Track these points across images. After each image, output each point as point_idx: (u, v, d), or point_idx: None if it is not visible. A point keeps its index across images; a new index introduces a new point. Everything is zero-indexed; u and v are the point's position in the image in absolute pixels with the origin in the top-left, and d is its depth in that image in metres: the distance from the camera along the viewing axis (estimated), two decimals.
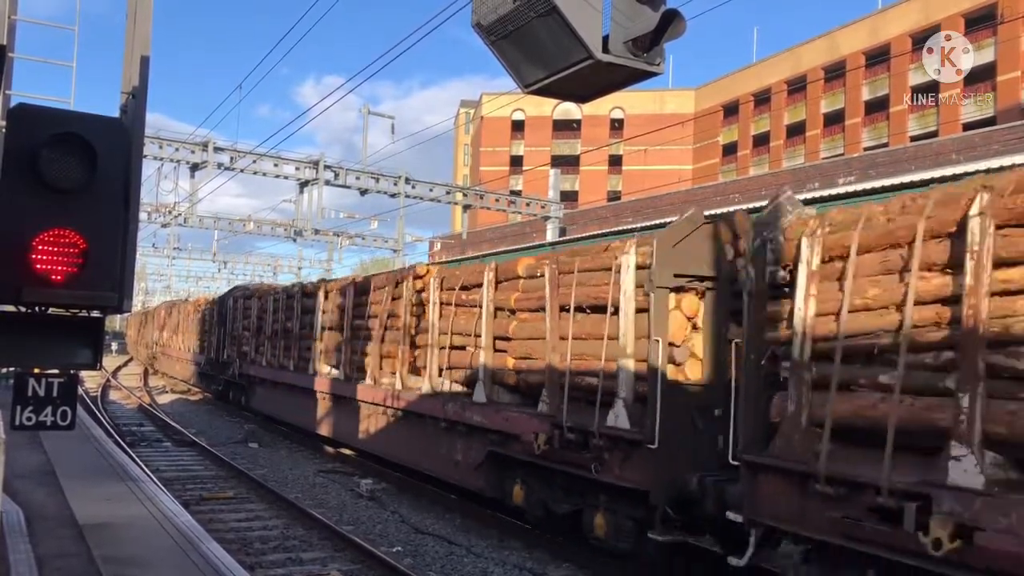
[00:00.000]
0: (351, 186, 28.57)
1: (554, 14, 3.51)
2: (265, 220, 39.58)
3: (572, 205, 49.37)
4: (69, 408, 4.04)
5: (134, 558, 6.87)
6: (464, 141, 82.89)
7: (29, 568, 6.38)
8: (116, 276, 3.86)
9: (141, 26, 4.48)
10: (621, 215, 36.35)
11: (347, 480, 14.06)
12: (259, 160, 26.59)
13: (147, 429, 20.25)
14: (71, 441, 12.59)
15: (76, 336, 4.07)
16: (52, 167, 3.60)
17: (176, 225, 35.99)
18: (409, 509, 11.89)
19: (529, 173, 58.29)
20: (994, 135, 25.53)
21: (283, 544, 9.74)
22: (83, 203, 3.70)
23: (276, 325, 20.25)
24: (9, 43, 6.21)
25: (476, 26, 3.94)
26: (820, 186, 24.95)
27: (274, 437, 19.35)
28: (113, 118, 4.21)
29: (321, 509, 11.52)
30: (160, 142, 25.73)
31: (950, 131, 37.40)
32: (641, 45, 3.65)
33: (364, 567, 8.86)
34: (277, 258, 59.83)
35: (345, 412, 15.53)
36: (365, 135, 30.12)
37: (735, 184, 35.61)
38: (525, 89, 4.02)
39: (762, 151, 57.45)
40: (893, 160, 27.31)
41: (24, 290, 3.62)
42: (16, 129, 3.70)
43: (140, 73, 4.42)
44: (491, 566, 9.13)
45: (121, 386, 32.04)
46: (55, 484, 9.82)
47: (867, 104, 49.96)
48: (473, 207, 33.63)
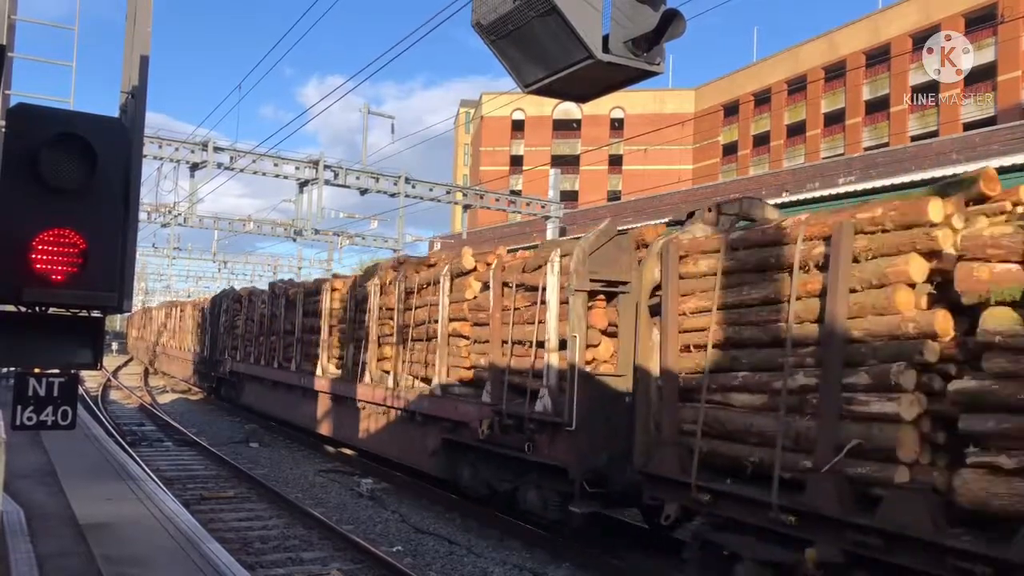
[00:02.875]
0: (351, 186, 28.55)
1: (554, 14, 3.50)
2: (265, 220, 39.56)
3: (572, 205, 49.37)
4: (70, 408, 4.03)
5: (135, 557, 6.87)
6: (464, 141, 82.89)
7: (30, 567, 6.38)
8: (116, 276, 3.85)
9: (141, 26, 4.48)
10: (621, 215, 36.31)
11: (347, 480, 14.06)
12: (259, 160, 26.57)
13: (147, 429, 20.26)
14: (72, 441, 12.60)
15: (76, 336, 4.07)
16: (52, 167, 3.60)
17: (176, 225, 35.99)
18: (409, 509, 11.89)
19: (529, 173, 58.29)
20: (994, 135, 25.50)
21: (283, 544, 9.74)
22: (83, 203, 3.70)
23: (256, 325, 22.35)
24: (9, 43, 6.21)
25: (476, 26, 3.94)
26: (820, 186, 24.92)
27: (274, 437, 19.36)
28: (113, 118, 4.21)
29: (321, 509, 11.52)
30: (160, 142, 25.72)
31: (950, 131, 37.39)
32: (641, 45, 3.65)
33: (364, 567, 8.86)
34: (277, 258, 59.84)
35: (314, 403, 17.46)
36: (365, 135, 30.13)
37: (735, 184, 35.60)
38: (525, 89, 4.02)
39: (762, 151, 57.43)
40: (893, 160, 27.27)
41: (24, 290, 3.61)
42: (16, 129, 3.70)
43: (140, 73, 4.42)
44: (491, 566, 9.13)
45: (121, 386, 32.05)
46: (56, 484, 9.82)
47: (867, 104, 49.95)
48: (473, 207, 33.63)
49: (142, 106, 4.45)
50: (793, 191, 24.95)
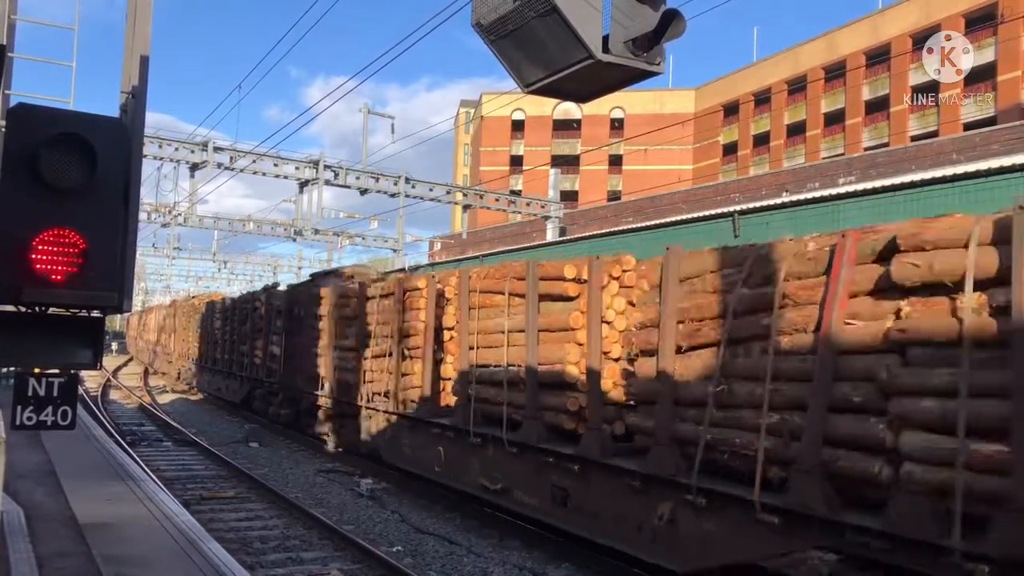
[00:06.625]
0: (351, 186, 28.56)
1: (554, 14, 3.50)
2: (265, 220, 39.56)
3: (572, 205, 49.35)
4: (69, 408, 4.03)
5: (134, 558, 6.87)
6: (464, 141, 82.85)
7: (29, 568, 6.37)
8: (116, 276, 3.85)
9: (141, 26, 4.48)
10: (621, 215, 36.33)
11: (347, 480, 14.06)
12: (259, 160, 26.58)
13: (147, 429, 20.26)
14: (72, 441, 12.60)
15: (76, 336, 4.07)
16: (52, 167, 3.60)
17: (176, 225, 35.99)
18: (409, 509, 11.89)
19: (529, 173, 58.26)
20: (994, 135, 25.52)
21: (283, 544, 9.74)
22: (83, 203, 3.70)
23: (226, 328, 25.35)
24: (9, 43, 6.22)
25: (476, 25, 3.93)
26: (820, 186, 24.93)
27: (274, 437, 19.35)
28: (113, 118, 4.21)
29: (321, 508, 11.52)
30: (160, 142, 25.72)
31: (950, 131, 37.39)
32: (641, 45, 3.64)
33: (364, 567, 8.86)
34: (277, 258, 59.87)
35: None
36: (365, 135, 30.12)
37: (735, 184, 35.61)
38: (525, 89, 4.02)
39: (762, 151, 57.40)
40: (893, 160, 27.30)
41: (24, 290, 3.61)
42: (16, 129, 3.70)
43: (140, 73, 4.42)
44: (491, 566, 9.12)
45: (121, 386, 32.05)
46: (55, 484, 9.82)
47: (867, 104, 49.93)
48: (473, 207, 33.61)
49: (142, 106, 4.44)
50: (793, 191, 24.95)
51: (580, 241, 22.31)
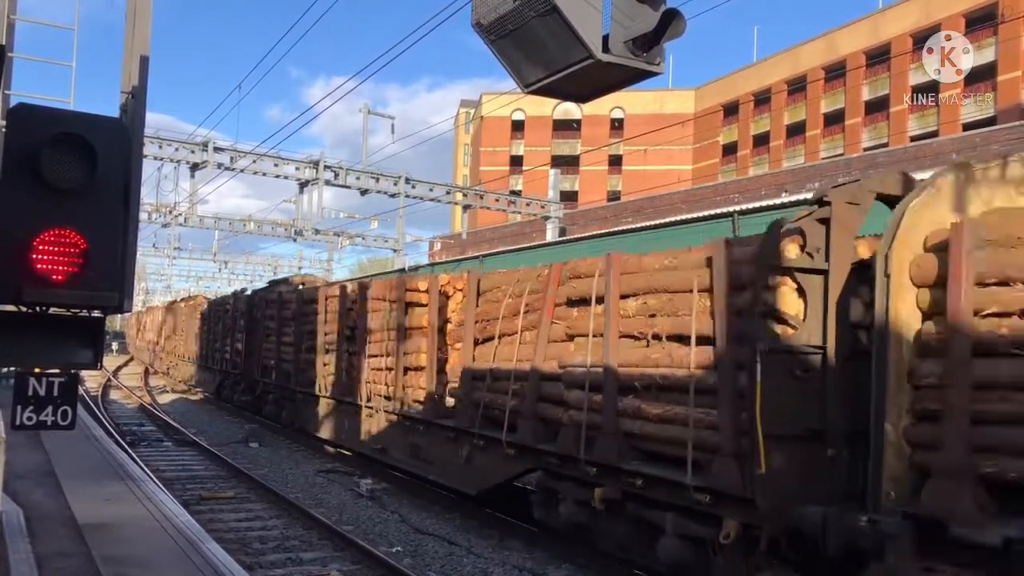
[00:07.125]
0: (351, 186, 28.58)
1: (554, 14, 3.50)
2: (265, 220, 39.56)
3: (572, 205, 49.39)
4: (69, 408, 4.03)
5: (134, 558, 6.87)
6: (464, 141, 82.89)
7: (29, 568, 6.37)
8: (116, 276, 3.85)
9: (141, 26, 4.48)
10: (621, 215, 36.35)
11: (347, 480, 14.06)
12: (259, 160, 26.60)
13: (147, 429, 20.26)
14: (71, 441, 12.60)
15: (77, 336, 4.06)
16: (52, 167, 3.59)
17: (176, 225, 36.01)
18: (409, 509, 11.89)
19: (529, 173, 58.28)
20: (994, 135, 25.55)
21: (283, 544, 9.74)
22: (83, 203, 3.69)
23: (204, 328, 28.31)
24: (9, 43, 6.22)
25: (476, 25, 3.93)
26: (820, 186, 24.89)
27: (275, 437, 19.36)
28: (113, 118, 4.20)
29: (321, 509, 11.52)
30: (160, 142, 25.74)
31: (950, 131, 37.43)
32: (641, 45, 3.64)
33: (364, 567, 8.86)
34: (278, 258, 59.87)
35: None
36: (365, 135, 30.14)
37: (735, 184, 35.63)
38: (525, 89, 4.02)
39: (762, 151, 57.44)
40: (893, 160, 27.30)
41: (24, 290, 3.61)
42: (16, 129, 3.70)
43: (140, 73, 4.42)
44: (491, 566, 9.12)
45: (122, 386, 32.05)
46: (55, 484, 9.83)
47: (867, 104, 49.97)
48: (473, 207, 33.65)
49: (142, 106, 4.44)
50: (793, 191, 24.95)
51: (579, 241, 22.30)
